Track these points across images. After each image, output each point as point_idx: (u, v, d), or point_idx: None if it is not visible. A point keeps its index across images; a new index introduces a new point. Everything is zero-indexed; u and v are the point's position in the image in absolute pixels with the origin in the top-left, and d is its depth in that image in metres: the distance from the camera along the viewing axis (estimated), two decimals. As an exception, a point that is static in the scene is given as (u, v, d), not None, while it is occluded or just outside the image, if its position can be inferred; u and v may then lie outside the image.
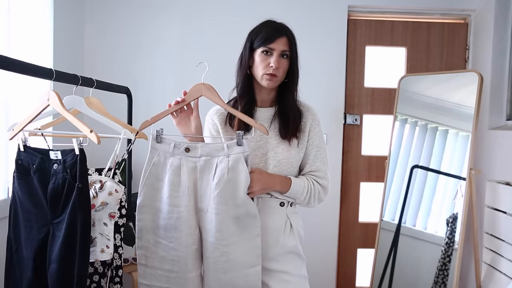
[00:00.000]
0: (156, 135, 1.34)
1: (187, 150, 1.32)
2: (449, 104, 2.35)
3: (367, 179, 2.80)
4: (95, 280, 1.45)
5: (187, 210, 1.31)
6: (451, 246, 2.21)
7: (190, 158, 1.32)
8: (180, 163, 1.32)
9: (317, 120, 1.48)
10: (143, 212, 1.36)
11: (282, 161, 1.41)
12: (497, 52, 2.48)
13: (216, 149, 1.31)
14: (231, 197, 1.29)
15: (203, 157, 1.31)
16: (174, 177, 1.32)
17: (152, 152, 1.35)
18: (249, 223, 1.31)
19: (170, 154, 1.33)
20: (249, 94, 1.43)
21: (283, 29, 1.39)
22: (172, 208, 1.32)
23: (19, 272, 1.29)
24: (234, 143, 1.29)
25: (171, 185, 1.32)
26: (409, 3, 2.70)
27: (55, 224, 1.21)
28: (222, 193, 1.28)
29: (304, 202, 1.43)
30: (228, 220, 1.29)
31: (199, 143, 1.33)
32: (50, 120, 1.62)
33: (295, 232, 1.46)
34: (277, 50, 1.37)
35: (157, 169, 1.34)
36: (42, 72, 1.15)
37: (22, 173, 1.28)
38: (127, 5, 2.63)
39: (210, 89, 1.37)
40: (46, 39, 2.15)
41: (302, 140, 1.44)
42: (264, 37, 1.37)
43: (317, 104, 2.65)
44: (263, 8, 2.60)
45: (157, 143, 1.34)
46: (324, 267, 2.74)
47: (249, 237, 1.31)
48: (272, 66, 1.36)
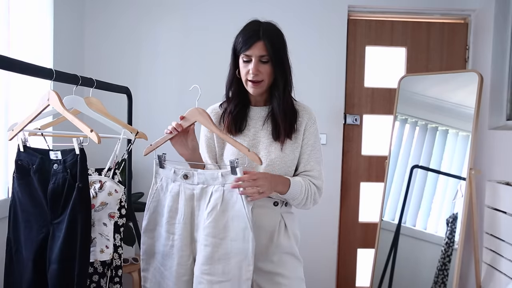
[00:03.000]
0: (159, 160, 1.34)
1: (186, 177, 1.31)
2: (449, 104, 2.35)
3: (367, 179, 2.80)
4: (95, 280, 1.45)
5: (180, 239, 1.30)
6: (451, 246, 2.21)
7: (188, 185, 1.31)
8: (179, 189, 1.32)
9: (313, 119, 1.45)
10: (147, 236, 1.37)
11: (275, 160, 1.39)
12: (497, 52, 2.48)
13: (212, 177, 1.28)
14: (224, 229, 1.25)
15: (200, 185, 1.30)
16: (173, 204, 1.32)
17: (156, 177, 1.36)
18: (240, 263, 1.23)
19: (171, 180, 1.33)
20: (240, 95, 1.42)
21: (259, 33, 1.32)
22: (168, 235, 1.33)
23: (19, 273, 1.29)
24: (229, 172, 1.25)
25: (170, 211, 1.32)
26: (409, 3, 2.70)
27: (55, 225, 1.21)
28: (214, 223, 1.25)
29: (301, 204, 1.39)
30: (217, 254, 1.24)
31: (197, 170, 1.30)
32: (50, 120, 1.62)
33: (290, 233, 1.43)
34: (254, 56, 1.32)
35: (160, 194, 1.35)
36: (42, 72, 1.15)
37: (22, 174, 1.28)
38: (127, 5, 2.63)
39: (203, 114, 1.35)
40: (46, 39, 2.15)
41: (296, 139, 1.42)
42: (241, 43, 1.34)
43: (317, 104, 2.68)
44: (263, 8, 2.60)
45: (160, 168, 1.35)
46: (324, 267, 2.74)
47: (238, 279, 1.23)
48: (251, 74, 1.33)
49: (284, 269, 1.40)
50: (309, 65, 2.67)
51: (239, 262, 1.24)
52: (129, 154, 1.48)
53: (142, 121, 2.42)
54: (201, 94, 1.35)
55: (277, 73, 1.36)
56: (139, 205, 2.38)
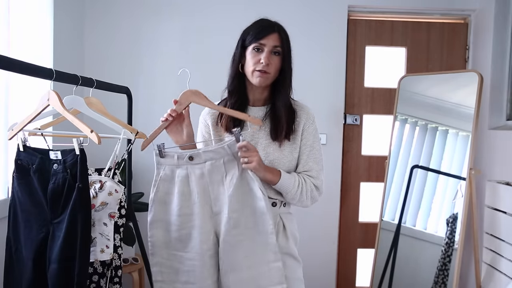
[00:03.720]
0: (158, 150, 1.33)
1: (191, 158, 1.31)
2: (449, 104, 2.35)
3: (367, 179, 2.80)
4: (94, 280, 1.45)
5: (199, 217, 1.31)
6: (451, 246, 2.21)
7: (195, 165, 1.31)
8: (187, 172, 1.32)
9: (311, 119, 1.45)
10: (155, 227, 1.34)
11: (274, 161, 1.39)
12: (497, 52, 2.48)
13: (218, 152, 1.30)
14: (247, 194, 1.29)
15: (208, 162, 1.30)
16: (184, 188, 1.32)
17: (158, 168, 1.34)
18: (262, 220, 1.29)
19: (176, 166, 1.32)
20: (240, 92, 1.43)
21: (275, 26, 1.38)
22: (184, 218, 1.32)
23: (19, 273, 1.29)
24: (234, 142, 1.28)
25: (182, 195, 1.31)
26: (409, 3, 2.70)
27: (55, 224, 1.21)
28: (238, 190, 1.28)
29: (295, 198, 1.39)
30: (243, 218, 1.29)
31: (201, 149, 1.32)
32: (50, 120, 1.62)
33: (289, 233, 1.43)
34: (268, 46, 1.35)
35: (165, 184, 1.33)
36: (42, 72, 1.15)
37: (21, 173, 1.28)
38: (127, 5, 2.62)
39: (197, 93, 1.36)
40: (46, 39, 2.15)
41: (295, 140, 1.42)
42: (255, 33, 1.37)
43: (317, 104, 2.68)
44: (263, 8, 2.60)
45: (161, 158, 1.34)
46: (324, 267, 2.74)
47: (264, 234, 1.29)
48: (263, 63, 1.34)
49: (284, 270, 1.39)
50: (309, 65, 2.67)
51: (261, 216, 1.29)
52: (129, 154, 1.48)
53: (142, 121, 2.42)
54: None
55: (284, 67, 1.39)
56: (139, 205, 2.38)
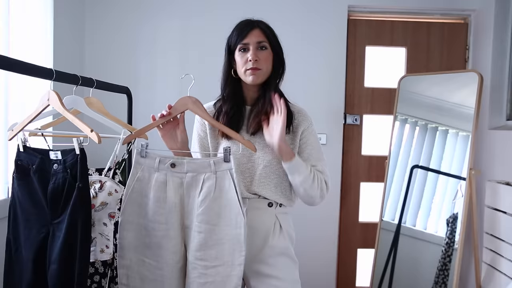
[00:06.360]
0: (141, 149, 1.29)
1: (173, 165, 1.27)
2: (449, 104, 2.35)
3: (367, 179, 2.80)
4: (96, 280, 1.46)
5: (173, 228, 1.26)
6: (451, 246, 2.21)
7: (176, 173, 1.27)
8: (165, 178, 1.27)
9: (309, 122, 1.45)
10: (126, 229, 1.29)
11: (272, 161, 1.39)
12: (497, 52, 2.48)
13: (202, 166, 1.26)
14: (217, 216, 1.24)
15: (189, 173, 1.26)
16: (160, 193, 1.27)
17: (136, 167, 1.29)
18: (232, 248, 1.24)
19: (155, 170, 1.28)
20: (235, 96, 1.42)
21: (254, 22, 1.38)
22: (157, 226, 1.27)
23: (19, 273, 1.28)
24: (221, 160, 1.25)
25: (157, 201, 1.27)
26: (409, 3, 2.70)
27: (55, 225, 1.21)
28: (207, 211, 1.24)
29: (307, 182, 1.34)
30: (210, 241, 1.24)
31: (185, 159, 1.28)
32: (50, 120, 1.62)
33: (285, 233, 1.42)
34: (252, 43, 1.35)
35: (141, 185, 1.28)
36: (42, 72, 1.15)
37: (21, 174, 1.27)
38: (127, 5, 2.62)
39: (196, 102, 1.33)
40: (46, 39, 2.15)
41: (294, 141, 1.42)
42: (237, 34, 1.37)
43: (317, 104, 2.68)
44: (262, 8, 2.60)
45: (141, 157, 1.29)
46: (324, 267, 2.74)
47: (231, 264, 1.24)
48: (251, 60, 1.34)
49: (280, 271, 1.38)
50: (309, 65, 2.67)
51: (232, 247, 1.24)
52: (129, 154, 1.48)
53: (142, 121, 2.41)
54: (201, 93, 1.35)
55: (275, 60, 1.40)
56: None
